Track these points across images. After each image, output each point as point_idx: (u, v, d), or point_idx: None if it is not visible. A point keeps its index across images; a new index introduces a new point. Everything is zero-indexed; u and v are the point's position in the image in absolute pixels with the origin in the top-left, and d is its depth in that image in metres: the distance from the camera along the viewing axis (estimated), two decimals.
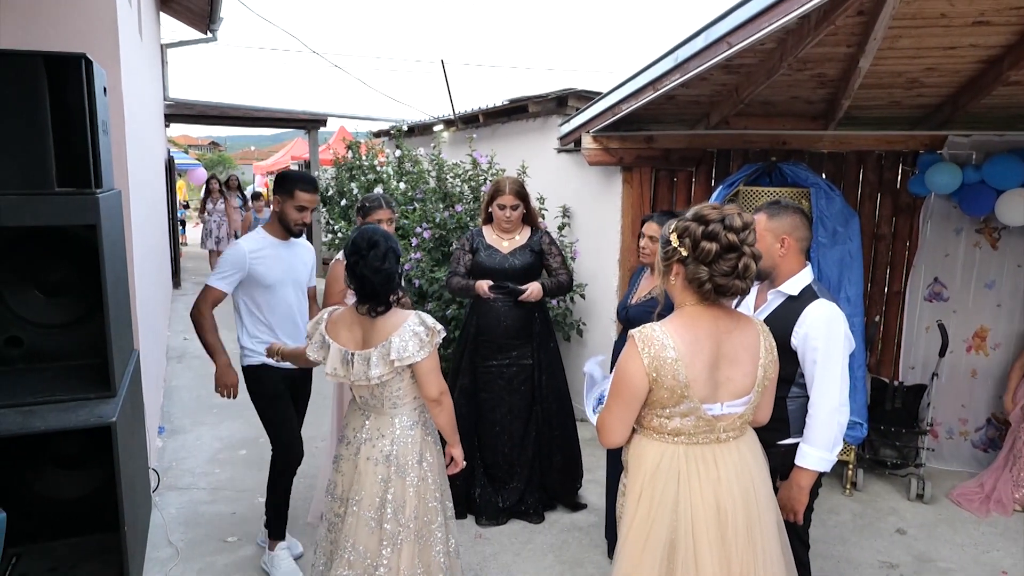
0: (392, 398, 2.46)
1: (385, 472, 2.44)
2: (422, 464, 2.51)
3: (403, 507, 2.45)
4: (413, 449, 2.48)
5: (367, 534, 2.43)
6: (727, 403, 1.97)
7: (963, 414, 4.63)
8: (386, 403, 2.47)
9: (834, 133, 4.48)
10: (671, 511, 1.96)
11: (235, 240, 8.68)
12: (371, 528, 2.43)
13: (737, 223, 1.87)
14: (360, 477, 2.46)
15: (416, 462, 2.49)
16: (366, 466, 2.45)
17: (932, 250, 4.57)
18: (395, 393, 2.46)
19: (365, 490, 2.44)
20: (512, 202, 3.77)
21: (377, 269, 2.37)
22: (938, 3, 2.76)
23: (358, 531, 2.44)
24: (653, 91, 3.82)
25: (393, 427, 2.47)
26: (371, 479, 2.44)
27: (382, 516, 2.43)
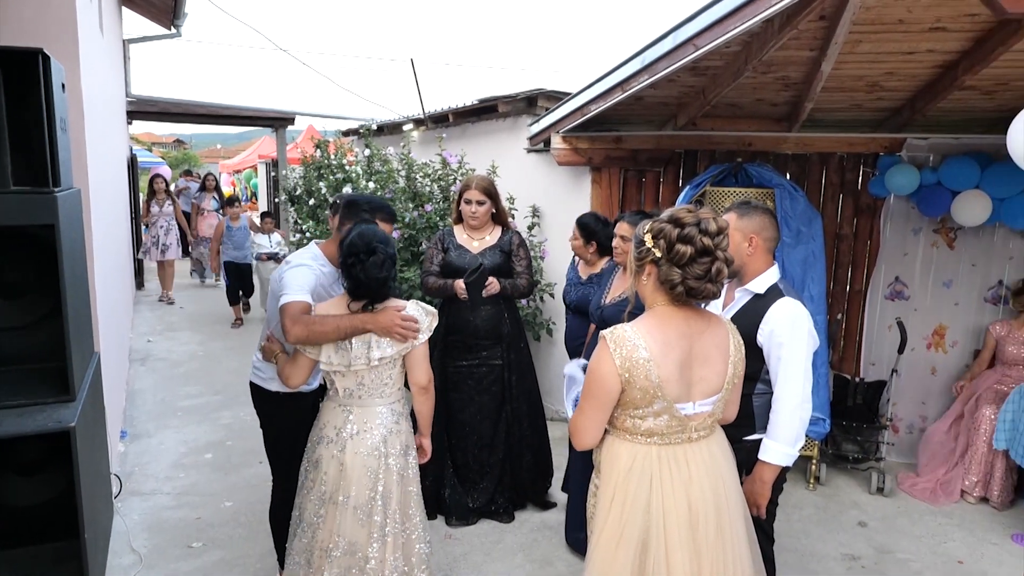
0: (381, 386, 2.51)
1: (375, 464, 2.48)
2: (407, 456, 2.57)
3: (391, 499, 2.49)
4: (399, 440, 2.54)
5: (357, 528, 2.46)
6: (699, 402, 1.99)
7: (923, 410, 4.75)
8: (375, 392, 2.51)
9: (797, 135, 4.56)
10: (643, 512, 1.97)
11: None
12: (361, 522, 2.46)
13: (712, 228, 1.90)
14: (347, 472, 2.47)
15: (401, 453, 2.54)
16: (354, 461, 2.47)
17: (892, 250, 4.69)
18: (385, 381, 2.51)
19: (355, 485, 2.47)
20: (478, 197, 3.78)
21: (375, 277, 2.44)
22: (896, 9, 2.83)
23: (349, 527, 2.46)
24: (621, 92, 3.85)
25: (380, 418, 2.52)
26: (360, 472, 2.46)
27: (372, 509, 2.47)
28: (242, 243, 8.48)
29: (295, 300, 2.56)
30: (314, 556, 2.52)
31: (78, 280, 2.70)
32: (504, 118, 5.97)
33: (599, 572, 1.99)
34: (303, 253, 2.83)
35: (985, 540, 3.77)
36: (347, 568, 2.46)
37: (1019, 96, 3.91)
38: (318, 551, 2.51)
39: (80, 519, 2.66)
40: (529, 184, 5.56)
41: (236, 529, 3.68)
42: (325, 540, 2.49)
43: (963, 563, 3.54)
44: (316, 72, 23.26)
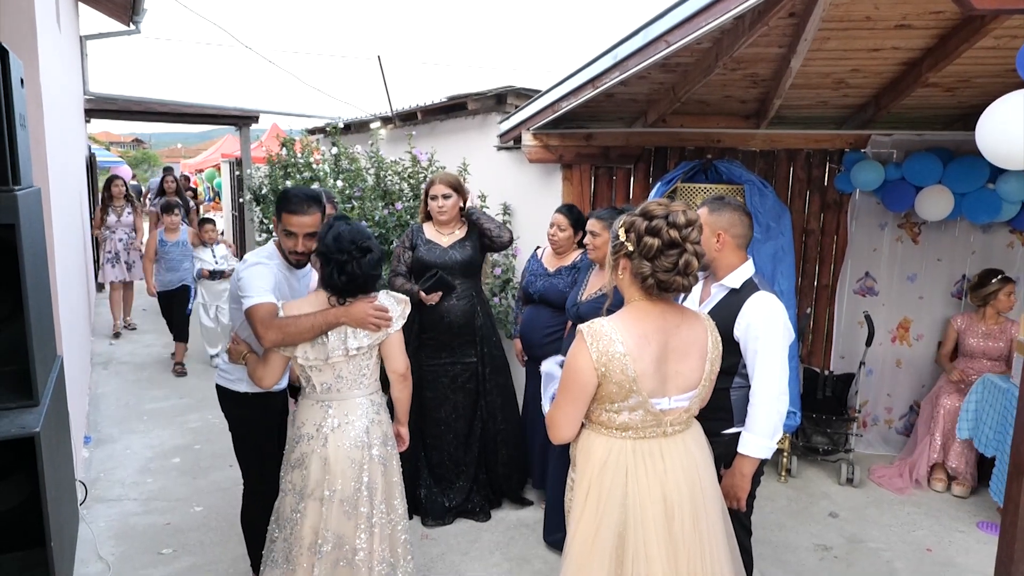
0: (360, 377, 2.51)
1: (359, 455, 2.48)
2: (388, 445, 2.58)
3: (376, 489, 2.50)
4: (380, 430, 2.55)
5: (344, 521, 2.46)
6: (675, 397, 2.00)
7: (888, 403, 4.85)
8: (353, 384, 2.51)
9: (765, 132, 4.62)
10: (619, 505, 1.98)
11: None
12: (348, 514, 2.46)
13: (680, 220, 1.90)
14: (331, 467, 2.46)
15: (383, 443, 2.55)
16: (338, 454, 2.46)
17: (860, 245, 4.77)
18: (364, 371, 2.52)
19: (340, 478, 2.46)
20: (444, 191, 3.76)
21: (369, 274, 2.46)
22: (864, 6, 2.88)
23: (335, 521, 2.45)
24: (592, 89, 3.85)
25: (360, 409, 2.52)
26: (344, 465, 2.46)
27: (358, 500, 2.47)
28: (177, 263, 6.52)
29: (261, 302, 2.47)
30: (292, 552, 2.50)
31: (39, 281, 2.61)
32: (473, 116, 5.94)
33: (577, 565, 1.99)
34: (259, 251, 2.77)
35: (952, 528, 3.86)
36: (335, 561, 2.46)
37: (980, 93, 4.01)
38: (297, 547, 2.48)
39: (46, 527, 2.57)
40: (500, 182, 5.53)
41: (207, 534, 3.60)
42: (308, 536, 2.47)
43: (932, 551, 3.62)
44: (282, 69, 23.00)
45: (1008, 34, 3.05)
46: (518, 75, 45.49)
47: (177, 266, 6.48)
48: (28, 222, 2.30)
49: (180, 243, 6.53)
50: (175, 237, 6.50)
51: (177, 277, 6.48)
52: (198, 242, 6.69)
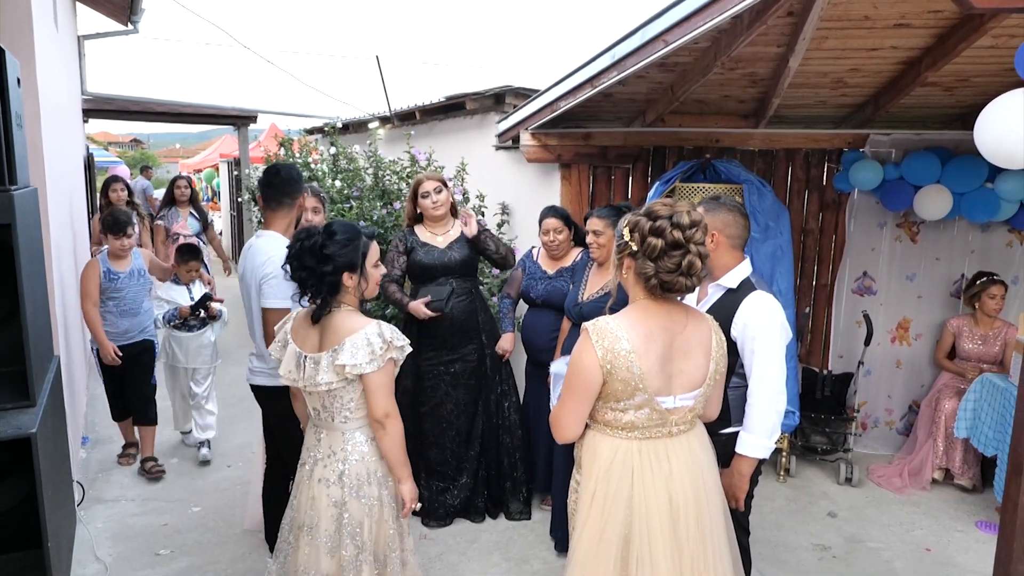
0: (343, 411, 2.31)
1: (338, 494, 2.30)
2: (376, 484, 2.35)
3: (360, 530, 2.31)
4: (366, 468, 2.33)
5: (327, 560, 2.31)
6: (679, 396, 1.99)
7: (888, 403, 4.85)
8: (337, 417, 2.33)
9: (764, 131, 4.62)
10: (625, 508, 1.97)
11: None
12: (329, 552, 2.31)
13: (684, 221, 1.90)
14: (315, 502, 2.33)
15: (369, 482, 2.34)
16: (319, 489, 2.32)
17: (858, 244, 4.77)
18: (347, 405, 2.31)
19: (320, 515, 2.31)
20: (435, 185, 3.78)
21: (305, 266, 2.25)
22: (862, 5, 2.87)
23: (318, 559, 2.31)
24: (591, 88, 3.84)
25: (345, 444, 2.33)
26: (325, 502, 2.31)
27: (340, 541, 2.30)
28: (135, 304, 4.21)
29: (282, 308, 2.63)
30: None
31: (36, 281, 2.61)
32: (472, 115, 5.93)
33: (582, 568, 1.98)
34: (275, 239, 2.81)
35: (951, 528, 3.86)
36: None
37: (978, 92, 4.01)
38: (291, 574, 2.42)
39: (43, 528, 2.57)
40: (498, 181, 5.53)
41: (204, 534, 3.60)
42: (296, 568, 2.38)
43: (931, 551, 3.62)
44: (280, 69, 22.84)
45: (1007, 33, 3.05)
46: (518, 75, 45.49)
47: (135, 307, 4.21)
48: (25, 222, 2.29)
49: (134, 273, 4.22)
50: (126, 265, 4.18)
51: (136, 324, 4.21)
52: (166, 277, 4.60)
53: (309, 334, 2.36)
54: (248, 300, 2.88)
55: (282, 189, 2.84)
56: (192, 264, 4.55)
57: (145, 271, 4.29)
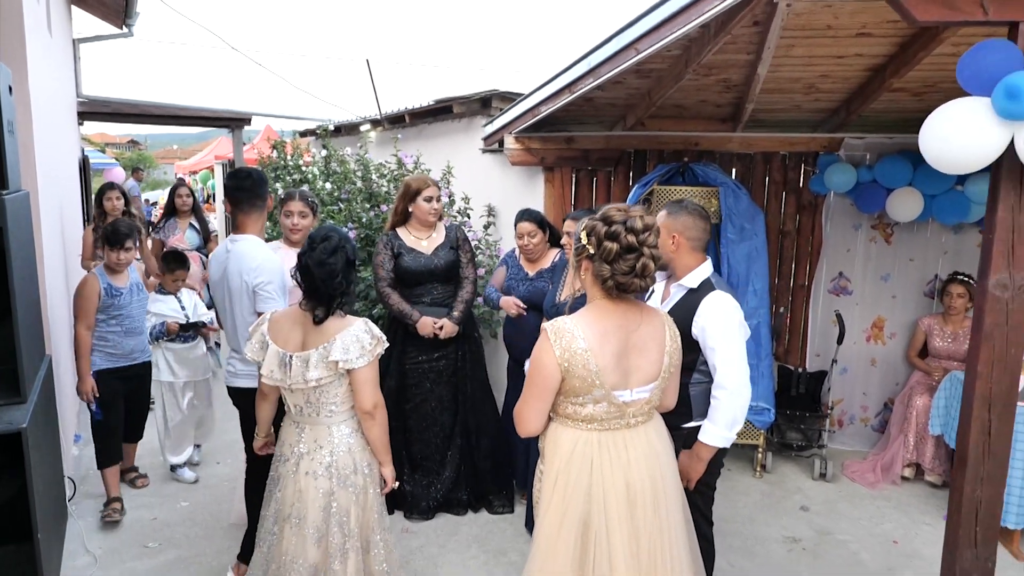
0: (329, 405, 2.44)
1: (327, 485, 2.44)
2: (361, 474, 2.50)
3: (347, 518, 2.45)
4: (352, 459, 2.48)
5: (313, 548, 2.43)
6: (636, 389, 2.10)
7: (864, 401, 4.96)
8: (323, 411, 2.45)
9: (742, 135, 4.73)
10: (585, 494, 2.08)
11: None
12: (317, 543, 2.43)
13: (638, 225, 2.01)
14: (302, 495, 2.44)
15: (356, 472, 2.48)
16: (307, 481, 2.44)
17: (834, 245, 4.88)
18: (332, 400, 2.44)
19: (309, 506, 2.43)
20: (438, 193, 3.87)
21: (322, 262, 2.38)
22: (824, 16, 2.98)
23: (304, 548, 2.43)
24: (569, 94, 3.95)
25: (331, 437, 2.46)
26: (313, 494, 2.43)
27: (328, 529, 2.43)
28: (139, 322, 3.95)
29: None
30: (269, 570, 2.54)
31: (28, 282, 2.70)
32: (459, 119, 6.04)
33: (544, 551, 2.09)
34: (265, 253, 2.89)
35: (920, 521, 3.97)
36: None
37: (945, 97, 4.05)
38: (274, 566, 2.52)
39: (33, 521, 2.67)
40: (484, 184, 5.63)
41: (192, 528, 3.70)
42: (279, 558, 2.49)
43: (898, 543, 3.73)
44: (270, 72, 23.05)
45: (965, 42, 3.15)
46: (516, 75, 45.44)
47: (140, 325, 3.95)
48: (16, 225, 2.40)
49: (134, 288, 3.91)
50: (125, 280, 3.86)
51: (140, 343, 3.95)
52: (150, 287, 4.37)
53: (291, 334, 2.46)
54: (231, 304, 2.89)
55: (255, 191, 2.89)
56: (179, 273, 4.33)
57: (143, 285, 4.01)
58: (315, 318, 2.41)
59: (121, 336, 3.79)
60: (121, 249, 3.73)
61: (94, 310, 3.65)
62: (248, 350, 2.53)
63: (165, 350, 4.27)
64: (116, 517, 3.74)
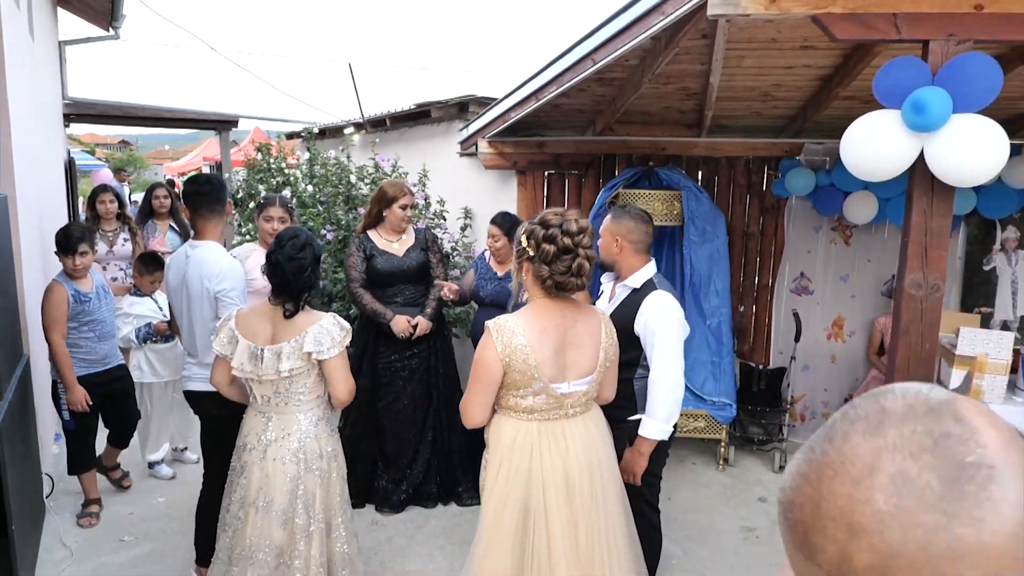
0: (297, 395, 2.59)
1: (295, 470, 2.57)
2: (327, 458, 2.66)
3: (313, 500, 2.60)
4: (319, 444, 2.63)
5: (279, 531, 2.56)
6: (573, 382, 2.24)
7: (825, 396, 5.12)
8: (291, 400, 2.59)
9: (707, 140, 4.87)
10: (525, 480, 2.22)
11: None
12: (283, 525, 2.56)
13: (573, 228, 2.15)
14: (270, 480, 2.56)
15: (321, 456, 2.63)
16: (275, 467, 2.57)
17: (796, 247, 5.04)
18: (300, 389, 2.58)
19: (276, 490, 2.56)
20: (412, 201, 3.99)
21: (291, 257, 2.52)
22: (767, 30, 3.12)
23: (271, 530, 2.56)
24: (535, 101, 4.09)
25: (299, 424, 2.60)
26: (281, 479, 2.56)
27: (295, 512, 2.57)
28: (111, 325, 3.91)
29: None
30: (234, 554, 2.65)
31: (5, 283, 2.83)
32: (438, 123, 6.17)
33: (488, 534, 2.23)
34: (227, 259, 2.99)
35: None
36: (274, 567, 2.58)
37: None
38: (238, 550, 2.64)
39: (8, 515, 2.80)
40: (461, 187, 5.77)
41: (168, 523, 3.81)
42: (244, 542, 2.61)
43: None
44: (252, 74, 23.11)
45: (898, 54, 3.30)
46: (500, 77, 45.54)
47: (111, 328, 3.90)
48: None
49: (100, 291, 3.81)
50: (90, 284, 3.74)
51: (113, 347, 3.90)
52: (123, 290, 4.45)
53: (260, 329, 2.60)
54: (190, 309, 2.94)
55: (214, 196, 2.93)
56: (157, 275, 4.26)
57: (107, 287, 3.92)
58: (286, 312, 2.55)
59: (95, 341, 3.72)
60: (75, 254, 3.58)
61: (64, 318, 3.55)
62: (216, 344, 2.63)
63: (148, 351, 4.27)
64: (94, 522, 3.79)
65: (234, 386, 2.73)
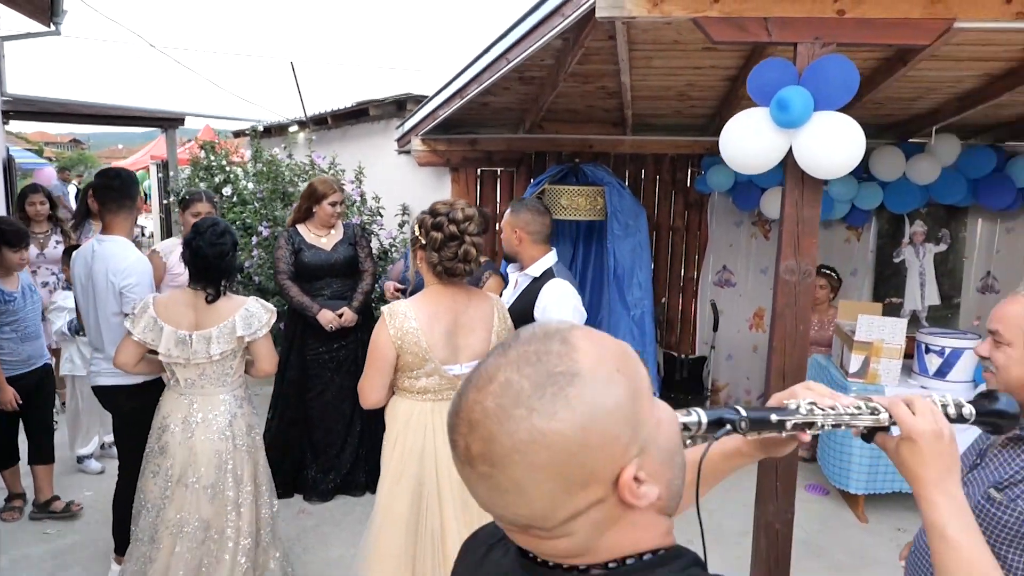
0: (224, 376, 2.73)
1: (224, 446, 2.71)
2: (252, 434, 2.83)
3: (242, 474, 2.75)
4: (245, 421, 2.80)
5: (207, 506, 2.69)
6: (466, 364, 2.36)
7: (747, 385, 5.33)
8: (217, 381, 2.72)
9: (633, 138, 5.05)
10: (419, 457, 2.34)
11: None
12: (212, 500, 2.69)
13: (459, 216, 2.28)
14: (197, 457, 2.68)
15: (248, 433, 2.80)
16: (204, 445, 2.69)
17: (719, 241, 5.25)
18: (227, 371, 2.73)
19: (205, 466, 2.68)
20: (341, 199, 4.07)
21: (213, 243, 2.66)
22: (669, 32, 3.27)
23: (199, 505, 2.68)
24: (460, 99, 4.21)
25: (226, 404, 2.75)
26: (209, 456, 2.69)
27: (224, 486, 2.71)
28: (37, 325, 3.79)
29: None
30: (158, 532, 2.73)
31: None
32: (377, 121, 6.26)
33: (385, 505, 2.36)
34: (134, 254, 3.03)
35: None
36: (201, 540, 2.69)
37: None
38: (163, 527, 2.72)
39: None
40: (399, 183, 5.86)
41: (93, 515, 3.84)
42: (171, 519, 2.70)
43: None
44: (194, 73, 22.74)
45: None
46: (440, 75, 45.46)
47: (36, 329, 3.77)
48: None
49: (26, 290, 3.74)
50: (16, 283, 3.67)
51: (38, 348, 3.76)
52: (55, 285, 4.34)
53: (183, 315, 2.70)
54: (95, 304, 2.94)
55: (123, 192, 2.96)
56: None
57: (35, 287, 3.87)
58: (208, 297, 2.68)
59: (17, 343, 3.62)
60: (23, 249, 3.59)
61: None
62: (136, 332, 2.67)
63: (80, 344, 4.24)
64: (16, 516, 3.79)
65: (140, 364, 2.78)
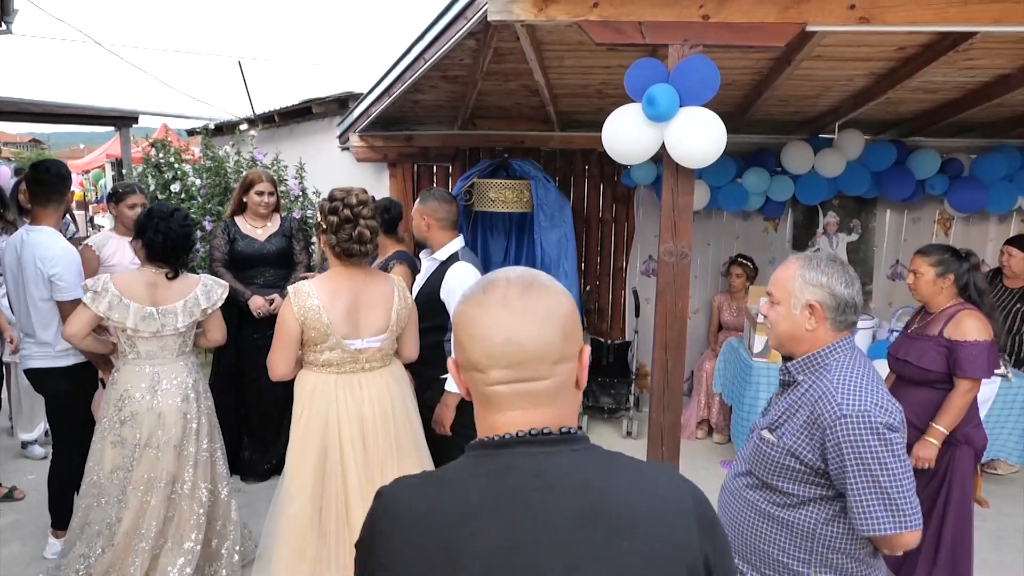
0: (184, 346, 3.02)
1: (186, 407, 2.98)
2: (208, 396, 3.13)
3: (202, 432, 3.05)
4: (201, 385, 3.09)
5: (174, 462, 2.96)
6: (367, 339, 2.58)
7: None
8: (178, 351, 2.99)
9: (562, 134, 5.30)
10: (323, 425, 2.55)
11: None
12: (177, 454, 2.97)
13: (353, 201, 2.49)
14: (165, 418, 2.93)
15: (205, 396, 3.10)
16: (170, 408, 2.94)
17: (645, 232, 5.52)
18: (187, 341, 3.04)
19: (173, 427, 2.94)
20: (269, 188, 4.24)
21: (182, 225, 2.94)
22: (571, 32, 3.51)
23: (169, 462, 2.93)
24: (388, 97, 4.42)
25: (185, 371, 3.02)
26: (174, 418, 2.95)
27: (188, 442, 2.99)
28: None
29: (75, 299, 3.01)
30: (127, 493, 2.93)
31: None
32: (321, 118, 6.42)
33: (292, 470, 2.57)
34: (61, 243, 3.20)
35: (699, 466, 4.61)
36: (168, 495, 2.96)
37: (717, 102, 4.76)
38: (131, 488, 2.92)
39: None
40: (342, 179, 5.92)
41: (34, 495, 3.96)
42: (142, 479, 2.92)
43: None
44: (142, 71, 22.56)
45: None
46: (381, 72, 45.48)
47: None
48: None
49: None
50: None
51: None
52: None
53: (144, 293, 2.90)
54: (26, 290, 3.14)
55: (54, 186, 3.15)
56: None
57: None
58: (169, 275, 2.94)
59: None
60: None
61: None
62: (99, 309, 2.81)
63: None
64: None
65: (88, 338, 2.94)
